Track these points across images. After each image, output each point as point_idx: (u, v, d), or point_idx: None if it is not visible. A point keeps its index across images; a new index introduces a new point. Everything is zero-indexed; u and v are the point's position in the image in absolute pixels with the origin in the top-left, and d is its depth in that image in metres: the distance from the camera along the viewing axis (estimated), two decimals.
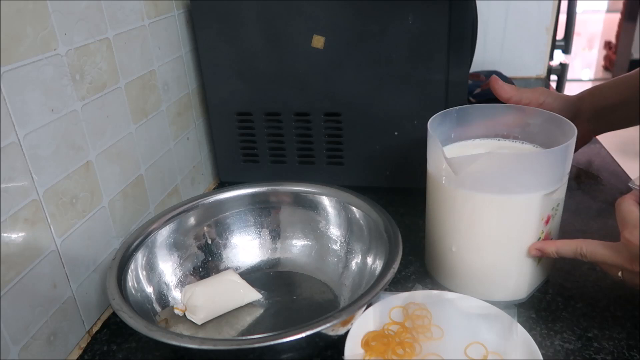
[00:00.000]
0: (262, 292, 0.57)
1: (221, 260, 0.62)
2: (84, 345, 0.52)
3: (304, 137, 0.76)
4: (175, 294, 0.56)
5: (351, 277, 0.57)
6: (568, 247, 0.49)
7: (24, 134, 0.44)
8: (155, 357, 0.51)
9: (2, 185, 0.41)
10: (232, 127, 0.78)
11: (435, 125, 0.55)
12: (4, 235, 0.42)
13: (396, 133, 0.72)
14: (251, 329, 0.53)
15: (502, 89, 0.63)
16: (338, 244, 0.61)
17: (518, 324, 0.46)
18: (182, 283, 0.57)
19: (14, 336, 0.43)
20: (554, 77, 1.32)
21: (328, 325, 0.41)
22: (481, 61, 1.25)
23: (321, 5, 0.67)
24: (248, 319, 0.55)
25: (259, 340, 0.41)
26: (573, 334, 0.50)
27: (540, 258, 0.53)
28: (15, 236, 0.43)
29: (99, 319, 0.55)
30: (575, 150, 0.58)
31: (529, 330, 0.47)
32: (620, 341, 0.49)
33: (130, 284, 0.51)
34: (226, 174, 0.83)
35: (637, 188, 0.48)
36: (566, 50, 1.34)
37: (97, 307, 0.55)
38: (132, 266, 0.52)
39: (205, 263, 0.61)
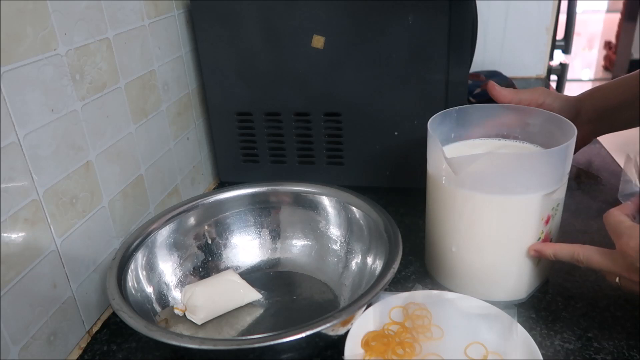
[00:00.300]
0: (262, 292, 0.57)
1: (221, 260, 0.62)
2: (84, 345, 0.52)
3: (304, 137, 0.76)
4: (175, 294, 0.56)
5: (351, 277, 0.57)
6: (565, 251, 0.49)
7: (24, 134, 0.44)
8: (155, 357, 0.51)
9: (2, 185, 0.41)
10: (232, 127, 0.78)
11: (435, 125, 0.55)
12: (4, 235, 0.42)
13: (396, 133, 0.72)
14: (251, 329, 0.53)
15: (500, 94, 0.62)
16: (338, 244, 0.61)
17: (518, 324, 0.46)
18: (182, 283, 0.57)
19: (14, 336, 0.43)
20: (554, 77, 1.32)
21: (328, 325, 0.41)
22: (481, 61, 1.25)
23: (321, 5, 0.67)
24: (248, 319, 0.55)
25: (259, 340, 0.41)
26: (573, 334, 0.50)
27: (540, 259, 0.53)
28: (15, 236, 0.43)
29: (99, 319, 0.55)
30: (575, 152, 0.58)
31: (529, 330, 0.47)
32: (620, 341, 0.49)
33: (130, 284, 0.51)
34: (226, 174, 0.83)
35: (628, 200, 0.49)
36: (566, 50, 1.34)
37: (97, 307, 0.55)
38: (132, 266, 0.52)
39: (205, 263, 0.61)
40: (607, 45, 4.16)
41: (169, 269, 0.57)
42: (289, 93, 0.73)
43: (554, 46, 1.26)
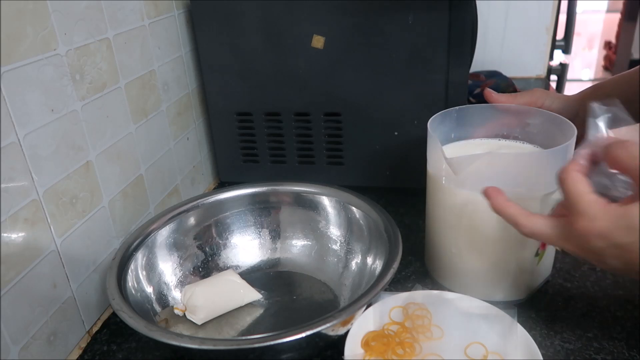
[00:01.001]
0: (262, 292, 0.57)
1: (221, 260, 0.62)
2: (84, 345, 0.52)
3: (304, 137, 0.76)
4: (175, 294, 0.56)
5: (351, 277, 0.57)
6: (510, 210, 0.44)
7: (24, 134, 0.44)
8: (155, 357, 0.51)
9: (2, 185, 0.41)
10: (232, 127, 0.78)
11: (435, 125, 0.55)
12: (4, 235, 0.42)
13: (396, 133, 0.72)
14: (251, 329, 0.53)
15: (497, 101, 0.62)
16: (338, 244, 0.61)
17: (518, 324, 0.46)
18: (182, 283, 0.57)
19: (14, 336, 0.43)
20: (554, 77, 1.32)
21: (328, 325, 0.41)
22: (481, 61, 1.25)
23: (321, 5, 0.67)
24: (248, 319, 0.55)
25: (259, 340, 0.41)
26: (573, 334, 0.50)
27: (540, 258, 0.53)
28: (15, 236, 0.43)
29: (99, 319, 0.55)
30: (575, 149, 0.58)
31: (529, 330, 0.47)
32: (620, 341, 0.49)
33: (130, 284, 0.51)
34: (226, 174, 0.83)
35: (603, 117, 0.43)
36: (566, 50, 1.33)
37: (97, 307, 0.55)
38: (132, 266, 0.52)
39: (205, 263, 0.61)
40: (607, 45, 4.15)
41: (169, 269, 0.57)
42: (289, 93, 0.73)
43: (554, 46, 1.26)
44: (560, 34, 1.30)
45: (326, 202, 0.62)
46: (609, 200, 0.40)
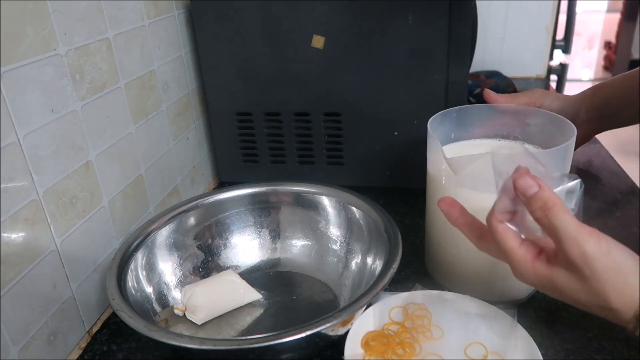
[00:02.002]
0: (262, 292, 0.57)
1: (221, 260, 0.62)
2: (84, 345, 0.52)
3: (304, 137, 0.76)
4: (175, 294, 0.56)
5: (351, 277, 0.57)
6: (469, 233, 0.44)
7: (24, 134, 0.44)
8: (155, 357, 0.51)
9: (2, 185, 0.41)
10: (232, 127, 0.78)
11: (435, 125, 0.55)
12: (4, 235, 0.42)
13: (396, 133, 0.72)
14: (251, 329, 0.53)
15: (497, 102, 0.63)
16: (338, 244, 0.61)
17: (518, 324, 0.46)
18: (182, 283, 0.57)
19: (14, 336, 0.43)
20: (554, 77, 1.32)
21: (328, 325, 0.41)
22: (481, 61, 1.25)
23: (321, 5, 0.67)
24: (248, 319, 0.55)
25: (259, 340, 0.41)
26: (573, 334, 0.50)
27: None
28: (15, 236, 0.43)
29: (99, 319, 0.55)
30: (575, 149, 0.58)
31: (529, 330, 0.47)
32: (620, 341, 0.49)
33: (130, 284, 0.51)
34: (226, 174, 0.83)
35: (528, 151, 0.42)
36: (566, 50, 1.33)
37: (97, 307, 0.55)
38: (132, 266, 0.52)
39: (205, 263, 0.61)
40: (607, 45, 4.16)
41: (169, 269, 0.57)
42: (289, 93, 0.73)
43: (554, 46, 1.26)
44: (560, 34, 1.30)
45: (326, 202, 0.62)
46: (539, 248, 0.40)
